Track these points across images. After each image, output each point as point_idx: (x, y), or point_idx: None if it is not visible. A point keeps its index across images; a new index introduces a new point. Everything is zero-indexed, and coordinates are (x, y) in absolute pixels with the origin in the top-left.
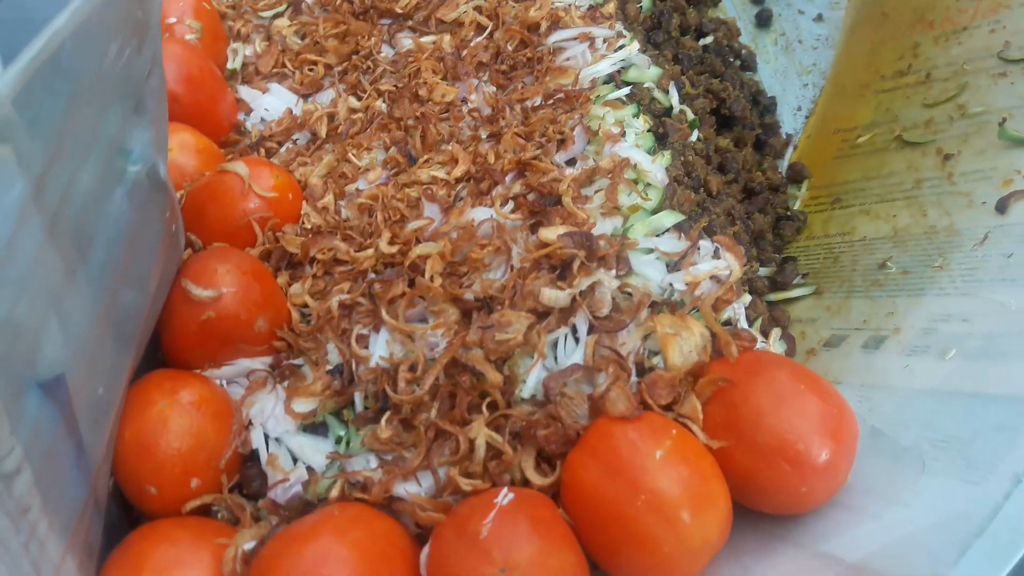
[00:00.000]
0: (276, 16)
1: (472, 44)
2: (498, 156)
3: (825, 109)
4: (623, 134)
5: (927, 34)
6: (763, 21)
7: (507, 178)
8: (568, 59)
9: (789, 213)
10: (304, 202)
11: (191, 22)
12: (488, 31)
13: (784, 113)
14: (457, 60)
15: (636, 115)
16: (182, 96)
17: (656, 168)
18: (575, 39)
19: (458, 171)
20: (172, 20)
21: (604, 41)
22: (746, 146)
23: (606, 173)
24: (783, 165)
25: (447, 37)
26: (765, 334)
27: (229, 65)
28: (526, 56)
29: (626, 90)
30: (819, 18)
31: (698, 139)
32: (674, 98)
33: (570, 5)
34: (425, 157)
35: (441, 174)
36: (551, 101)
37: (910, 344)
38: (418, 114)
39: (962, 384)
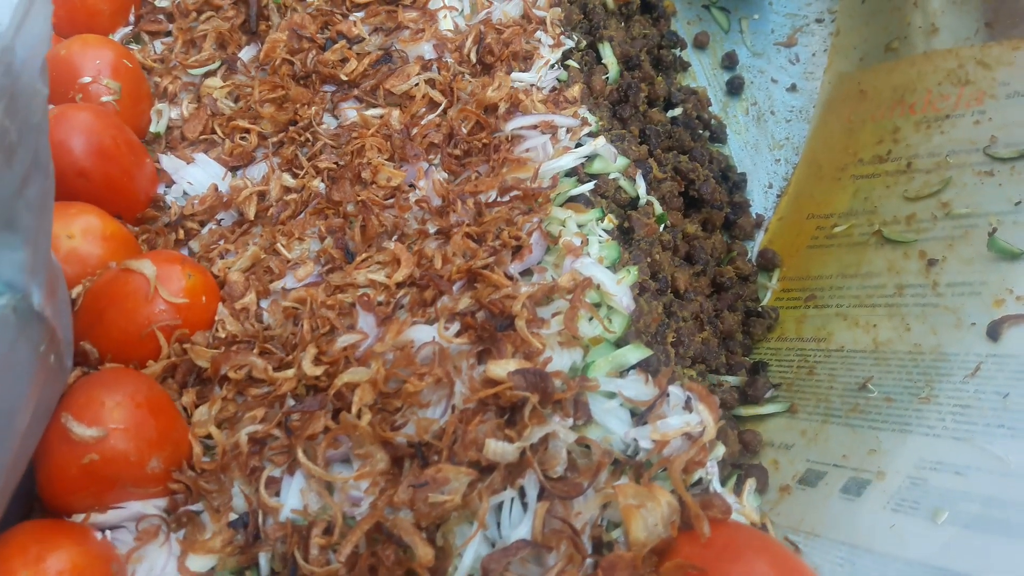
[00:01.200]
0: (208, 75)
1: (423, 122)
2: (446, 260)
3: (799, 189)
4: (585, 244)
5: (908, 118)
6: (734, 89)
7: (455, 287)
8: (528, 150)
9: (760, 309)
10: (221, 304)
11: (108, 82)
12: (442, 108)
13: (754, 190)
14: (406, 139)
15: (600, 218)
16: (92, 171)
17: (621, 291)
18: (536, 128)
19: (400, 275)
20: (86, 79)
21: (567, 131)
22: (715, 230)
23: (565, 293)
24: (753, 250)
25: (396, 112)
26: (738, 488)
27: (152, 128)
28: (482, 141)
29: (590, 185)
30: (793, 88)
31: (665, 228)
32: (641, 188)
33: (532, 87)
34: (364, 256)
35: (380, 277)
36: (507, 197)
37: (896, 495)
38: (360, 199)
39: (958, 562)
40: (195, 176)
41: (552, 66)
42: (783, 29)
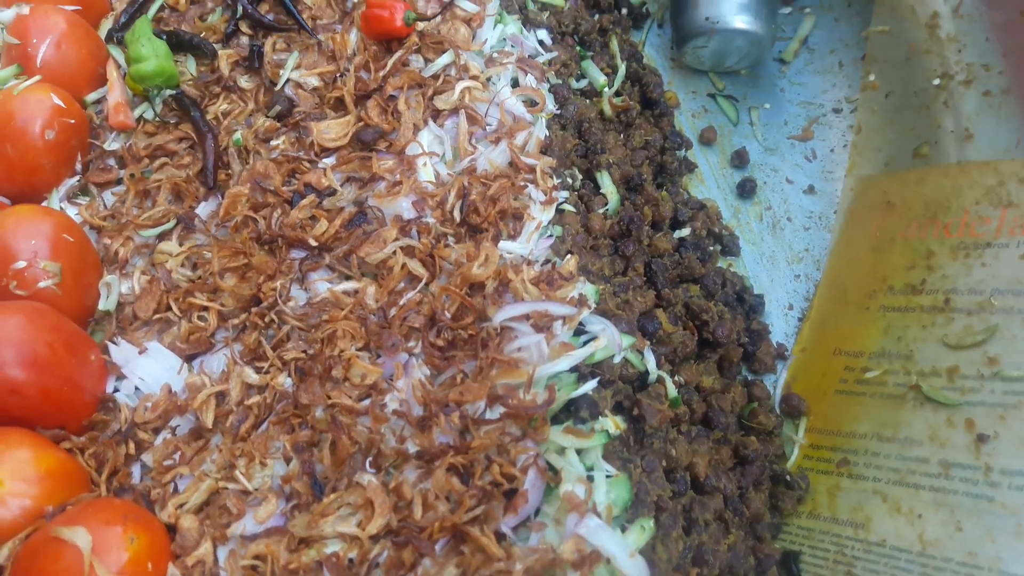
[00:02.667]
0: (162, 236)
1: (403, 301)
2: (427, 506)
3: (822, 315)
4: (591, 494)
5: (943, 241)
6: (746, 191)
7: (438, 546)
8: (520, 349)
9: (788, 478)
10: (171, 563)
11: (47, 264)
12: (423, 283)
13: (773, 312)
14: (383, 326)
15: (605, 439)
16: (25, 386)
17: (635, 567)
18: (528, 319)
19: (374, 526)
20: (20, 264)
21: (564, 322)
22: (732, 368)
23: (569, 568)
24: (775, 389)
25: (371, 288)
26: None
27: (101, 305)
28: (468, 332)
29: (592, 384)
30: (811, 190)
31: (679, 385)
32: (650, 363)
33: (522, 262)
34: (332, 497)
35: (351, 527)
36: (497, 414)
37: None
38: (330, 403)
39: None
40: (148, 370)
41: (544, 231)
42: (797, 120)
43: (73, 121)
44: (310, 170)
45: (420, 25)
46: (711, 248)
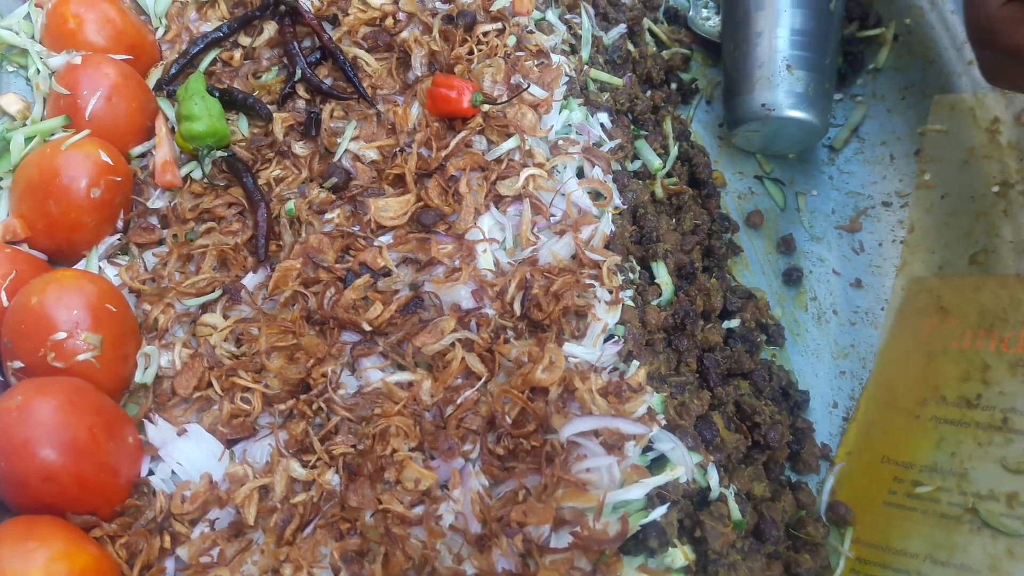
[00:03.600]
0: (205, 307)
1: (460, 399)
2: None
3: (869, 418)
4: None
5: (1001, 356)
6: (792, 280)
7: None
8: (588, 470)
9: None
10: None
11: (87, 336)
12: (483, 382)
13: (817, 408)
14: (439, 425)
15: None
16: (62, 474)
17: None
18: (596, 437)
19: None
20: (60, 336)
21: (635, 441)
22: (777, 468)
23: None
24: (821, 494)
25: (427, 383)
26: None
27: (138, 377)
28: (531, 443)
29: (662, 510)
30: (858, 284)
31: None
32: (713, 480)
33: (589, 368)
34: None
35: None
36: (564, 543)
37: None
38: (380, 508)
39: None
40: (187, 455)
41: (610, 335)
42: (845, 210)
43: (119, 179)
44: (365, 248)
45: (485, 107)
46: (758, 339)
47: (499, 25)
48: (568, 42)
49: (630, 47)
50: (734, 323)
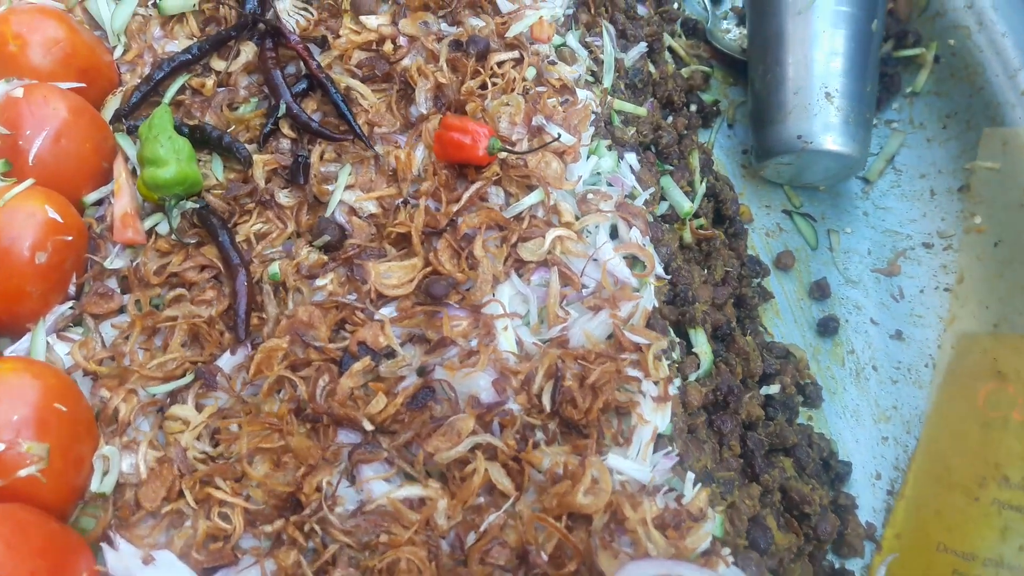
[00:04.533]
0: (174, 394)
1: (484, 525)
2: None
3: (919, 494)
4: None
5: None
6: (827, 331)
7: None
8: None
9: None
10: None
11: (31, 447)
12: (511, 501)
13: (859, 480)
14: (458, 559)
15: None
16: None
17: None
18: None
19: None
20: None
21: None
22: (822, 552)
23: None
24: None
25: (442, 502)
26: None
27: (94, 487)
28: None
29: None
30: (898, 336)
31: None
32: None
33: (640, 490)
34: None
35: None
36: None
37: None
38: None
39: None
40: None
41: (661, 442)
42: (882, 251)
43: (70, 238)
44: (364, 322)
45: (503, 153)
46: (797, 403)
47: (516, 54)
48: (589, 69)
49: (651, 68)
50: (773, 388)
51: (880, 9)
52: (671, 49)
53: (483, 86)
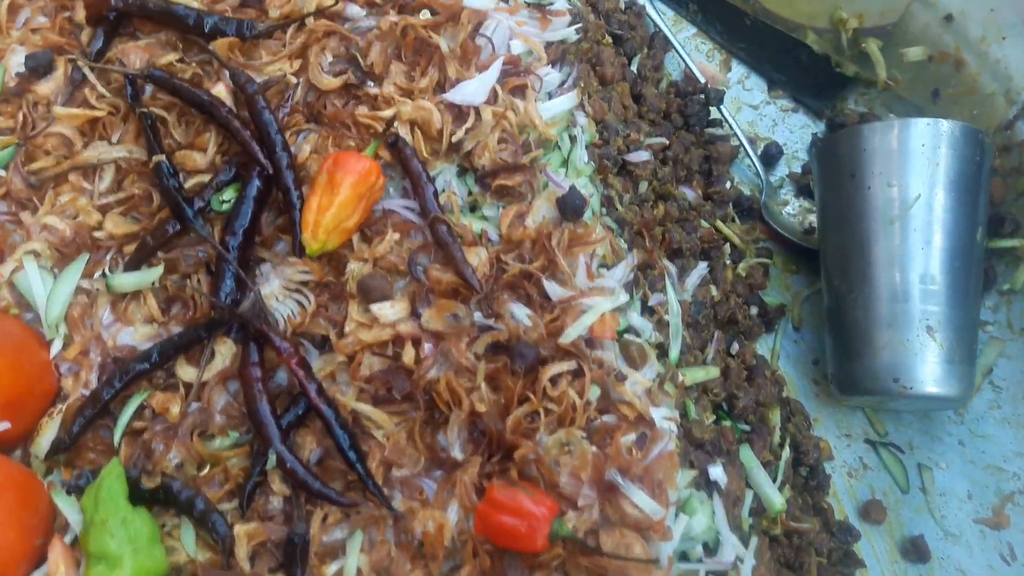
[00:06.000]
0: None
1: None
2: None
3: None
4: None
5: None
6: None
7: None
8: None
9: None
10: None
11: None
12: None
13: None
14: None
15: None
16: None
17: None
18: None
19: None
20: None
21: None
22: None
23: None
24: None
25: None
26: None
27: None
28: None
29: None
30: None
31: None
32: None
33: None
34: None
35: None
36: None
37: None
38: None
39: None
40: None
41: None
42: (984, 494)
43: None
44: None
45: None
46: None
47: (572, 364)
48: (655, 343)
49: (713, 292)
50: None
51: (982, 212)
52: (723, 236)
53: (532, 415)
